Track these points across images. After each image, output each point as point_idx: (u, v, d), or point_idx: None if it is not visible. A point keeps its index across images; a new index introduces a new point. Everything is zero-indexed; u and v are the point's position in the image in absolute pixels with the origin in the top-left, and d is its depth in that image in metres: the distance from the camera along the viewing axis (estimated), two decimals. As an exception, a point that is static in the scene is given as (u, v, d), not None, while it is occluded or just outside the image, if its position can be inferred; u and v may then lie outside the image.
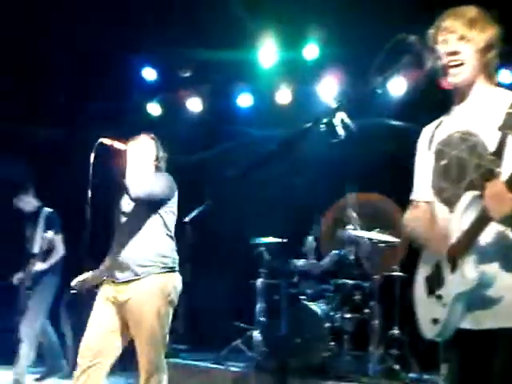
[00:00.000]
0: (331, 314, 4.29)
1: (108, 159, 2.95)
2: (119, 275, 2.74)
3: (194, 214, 5.28)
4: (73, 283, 3.04)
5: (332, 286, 4.49)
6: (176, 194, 2.99)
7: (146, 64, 6.75)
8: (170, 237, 2.91)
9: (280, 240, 4.82)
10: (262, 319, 4.66)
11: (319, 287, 4.64)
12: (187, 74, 6.75)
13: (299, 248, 4.81)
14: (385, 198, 5.45)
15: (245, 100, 6.56)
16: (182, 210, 5.33)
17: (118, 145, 2.93)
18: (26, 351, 4.45)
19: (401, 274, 4.54)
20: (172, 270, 2.81)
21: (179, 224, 5.22)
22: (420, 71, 1.91)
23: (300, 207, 5.72)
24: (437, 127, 1.99)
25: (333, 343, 4.15)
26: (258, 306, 4.71)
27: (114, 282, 2.77)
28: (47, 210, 4.81)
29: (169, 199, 2.91)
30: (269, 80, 6.39)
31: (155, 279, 2.71)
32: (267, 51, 6.27)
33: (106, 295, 2.79)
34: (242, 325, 4.74)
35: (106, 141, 2.89)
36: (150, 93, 6.83)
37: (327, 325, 4.19)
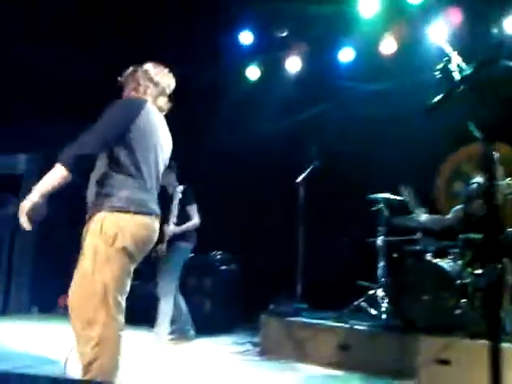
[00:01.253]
0: (460, 270, 4.11)
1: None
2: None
3: (304, 174, 5.22)
4: None
5: (460, 241, 4.27)
6: (137, 123, 2.56)
7: (242, 28, 6.68)
8: (125, 174, 2.57)
9: (399, 196, 4.66)
10: (384, 277, 4.57)
11: (442, 244, 4.45)
12: (284, 34, 6.61)
13: (419, 204, 4.61)
14: (510, 147, 5.08)
15: (347, 54, 6.33)
16: (294, 172, 5.34)
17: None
18: (165, 310, 4.71)
19: (536, 225, 4.24)
20: (120, 209, 2.51)
21: (292, 185, 5.25)
22: None
23: (417, 163, 5.45)
24: None
25: (464, 300, 3.98)
26: (380, 265, 4.61)
27: None
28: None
29: (121, 135, 2.53)
30: (371, 31, 6.09)
31: (96, 219, 2.52)
32: (368, 1, 5.96)
33: None
34: (364, 283, 4.66)
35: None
36: (249, 56, 6.78)
37: (457, 282, 4.02)
